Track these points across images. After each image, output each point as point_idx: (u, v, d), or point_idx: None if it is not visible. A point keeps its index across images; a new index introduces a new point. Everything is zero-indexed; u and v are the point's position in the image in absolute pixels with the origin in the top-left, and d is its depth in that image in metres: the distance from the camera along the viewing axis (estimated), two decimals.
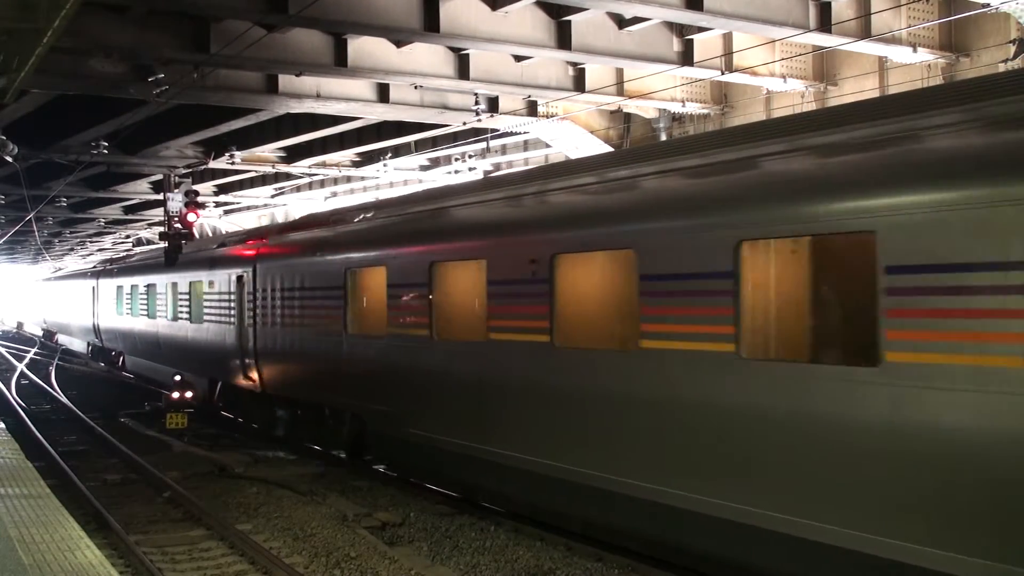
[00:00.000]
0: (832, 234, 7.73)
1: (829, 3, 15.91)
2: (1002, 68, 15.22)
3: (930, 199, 6.83)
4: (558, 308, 10.47)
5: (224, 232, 31.69)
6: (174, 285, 24.37)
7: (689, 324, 8.65)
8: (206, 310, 21.45)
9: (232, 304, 19.39)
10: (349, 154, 28.93)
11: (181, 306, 23.80)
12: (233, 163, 27.80)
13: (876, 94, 17.40)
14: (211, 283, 20.80)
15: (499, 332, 11.31)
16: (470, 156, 28.59)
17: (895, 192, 7.08)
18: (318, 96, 19.54)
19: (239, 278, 19.05)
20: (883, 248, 7.03)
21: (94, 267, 41.36)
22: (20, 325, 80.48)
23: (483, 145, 25.34)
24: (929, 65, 17.29)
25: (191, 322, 22.81)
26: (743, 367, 8.17)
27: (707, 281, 8.49)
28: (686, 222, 8.87)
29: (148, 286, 27.55)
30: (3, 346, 52.43)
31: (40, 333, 62.19)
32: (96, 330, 36.79)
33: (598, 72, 19.86)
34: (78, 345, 44.51)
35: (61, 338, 51.14)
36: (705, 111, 21.23)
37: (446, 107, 20.93)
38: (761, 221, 8.16)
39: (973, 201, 6.56)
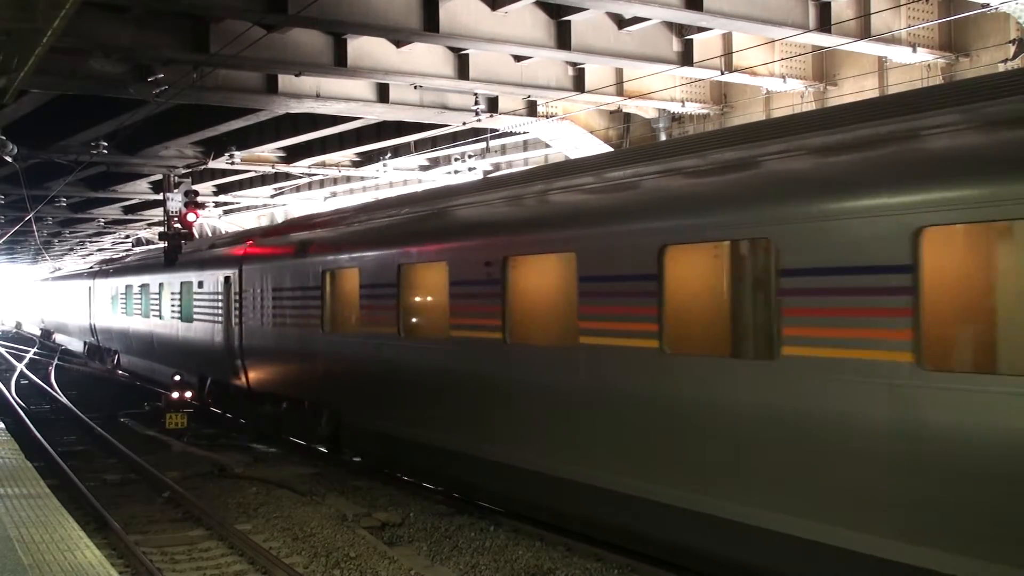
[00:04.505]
0: None
1: (829, 3, 15.90)
2: (1002, 68, 15.22)
3: None
4: None
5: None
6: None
7: None
8: None
9: None
10: (349, 154, 28.92)
11: None
12: (233, 163, 27.78)
13: (876, 94, 17.39)
14: None
15: None
16: (470, 156, 28.59)
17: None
18: (318, 96, 19.53)
19: None
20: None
21: (234, 246, 21.74)
22: (48, 334, 58.50)
23: (483, 145, 25.34)
24: (929, 65, 17.29)
25: None
26: None
27: None
28: None
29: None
30: (3, 346, 52.43)
31: (81, 347, 43.90)
32: (236, 350, 19.94)
33: (598, 72, 19.85)
34: (165, 374, 25.03)
35: (127, 360, 32.77)
36: (705, 111, 21.22)
37: (446, 107, 20.92)
38: None
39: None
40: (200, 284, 22.65)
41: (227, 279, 20.57)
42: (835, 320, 7.59)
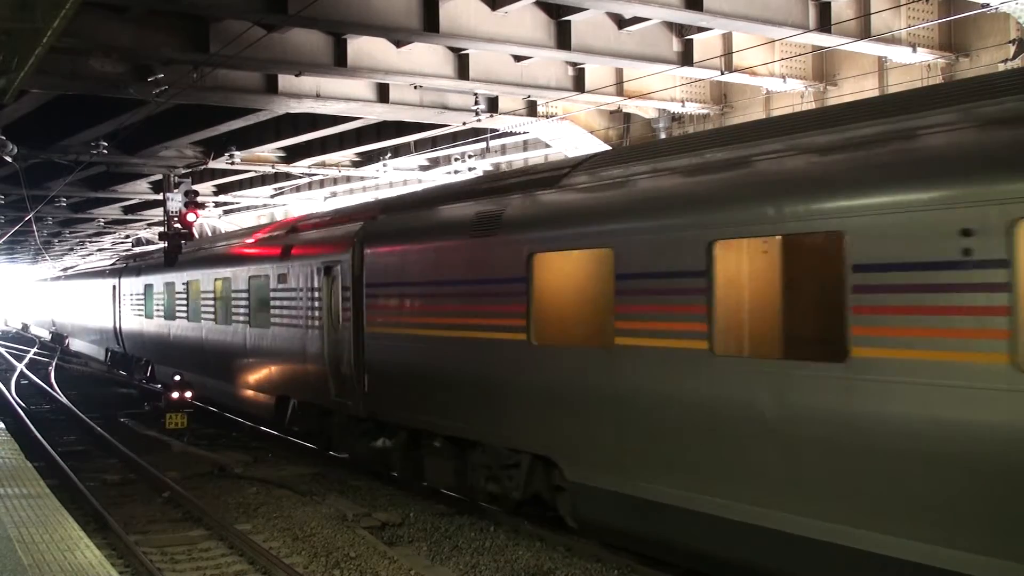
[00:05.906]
0: None
1: (829, 3, 15.91)
2: (1002, 68, 15.22)
3: None
4: None
5: None
6: None
7: None
8: None
9: None
10: (349, 154, 28.92)
11: None
12: (233, 163, 27.78)
13: (876, 94, 17.40)
14: None
15: None
16: (470, 156, 28.60)
17: None
18: (318, 96, 19.53)
19: None
20: None
21: (339, 225, 16.38)
22: (60, 338, 48.90)
23: (483, 145, 25.34)
24: (929, 65, 17.30)
25: None
26: None
27: None
28: None
29: None
30: (3, 346, 52.39)
31: (102, 354, 37.22)
32: (348, 364, 14.94)
33: (598, 72, 19.85)
34: (222, 391, 21.32)
35: (163, 373, 25.47)
36: (705, 111, 21.23)
37: (446, 107, 20.92)
38: None
39: None
40: (281, 278, 17.57)
41: (328, 270, 15.53)
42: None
